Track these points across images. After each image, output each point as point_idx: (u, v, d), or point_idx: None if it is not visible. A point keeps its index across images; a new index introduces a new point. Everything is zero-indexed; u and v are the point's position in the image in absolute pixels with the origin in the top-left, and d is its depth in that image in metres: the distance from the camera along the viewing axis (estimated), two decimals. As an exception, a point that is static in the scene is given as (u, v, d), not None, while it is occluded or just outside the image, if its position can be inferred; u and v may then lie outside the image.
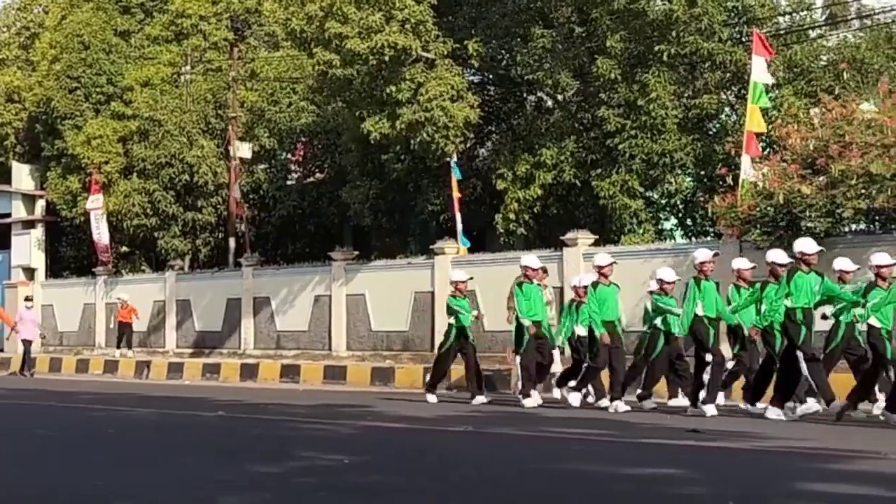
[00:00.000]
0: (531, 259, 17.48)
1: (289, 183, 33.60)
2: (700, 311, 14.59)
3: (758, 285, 14.66)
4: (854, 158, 18.22)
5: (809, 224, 18.47)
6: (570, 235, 23.28)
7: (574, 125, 25.98)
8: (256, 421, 14.01)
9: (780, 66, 23.66)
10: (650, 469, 8.59)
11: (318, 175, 33.39)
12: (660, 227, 25.95)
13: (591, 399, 16.49)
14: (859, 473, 8.21)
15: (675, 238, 26.16)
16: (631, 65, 24.45)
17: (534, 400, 16.25)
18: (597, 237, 23.53)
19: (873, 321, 13.59)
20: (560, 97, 26.85)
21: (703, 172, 25.07)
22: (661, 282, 15.66)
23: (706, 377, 14.53)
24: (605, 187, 24.26)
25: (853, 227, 19.53)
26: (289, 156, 34.16)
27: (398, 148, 26.78)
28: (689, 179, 25.45)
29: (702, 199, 23.75)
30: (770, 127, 21.74)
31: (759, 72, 21.03)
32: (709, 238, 23.84)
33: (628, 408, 15.15)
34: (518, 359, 16.65)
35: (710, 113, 24.70)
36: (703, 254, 15.23)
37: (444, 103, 24.50)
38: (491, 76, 28.83)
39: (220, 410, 15.15)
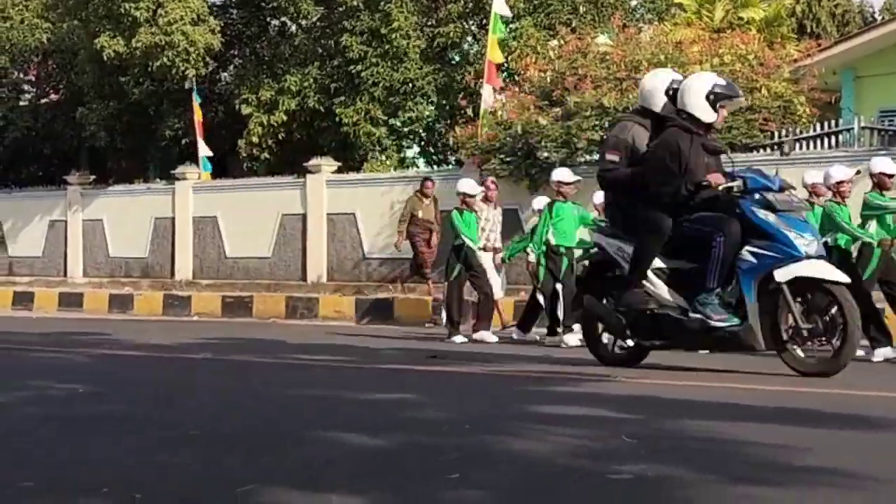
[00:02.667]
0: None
1: (22, 104, 32.25)
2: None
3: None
4: (588, 91, 18.77)
5: (546, 154, 18.96)
6: (313, 162, 23.24)
7: (318, 51, 25.85)
8: (-15, 350, 13.51)
9: (521, -2, 24.10)
10: (388, 394, 8.72)
11: (52, 96, 32.19)
12: (402, 154, 26.18)
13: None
14: (589, 395, 8.53)
15: (417, 165, 26.46)
16: (375, -8, 24.46)
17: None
18: (340, 164, 23.57)
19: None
20: (304, 23, 26.65)
21: (444, 102, 25.37)
22: None
23: None
24: (349, 114, 24.28)
25: (587, 157, 20.15)
26: (22, 75, 32.79)
27: (137, 70, 26.04)
28: (431, 108, 25.73)
29: (443, 127, 24.08)
30: (509, 58, 22.13)
31: (500, 4, 21.35)
32: (450, 166, 24.23)
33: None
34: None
35: (452, 42, 24.94)
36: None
37: (185, 27, 23.98)
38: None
39: (-54, 339, 14.57)
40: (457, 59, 25.78)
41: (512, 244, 15.92)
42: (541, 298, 14.75)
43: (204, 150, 25.61)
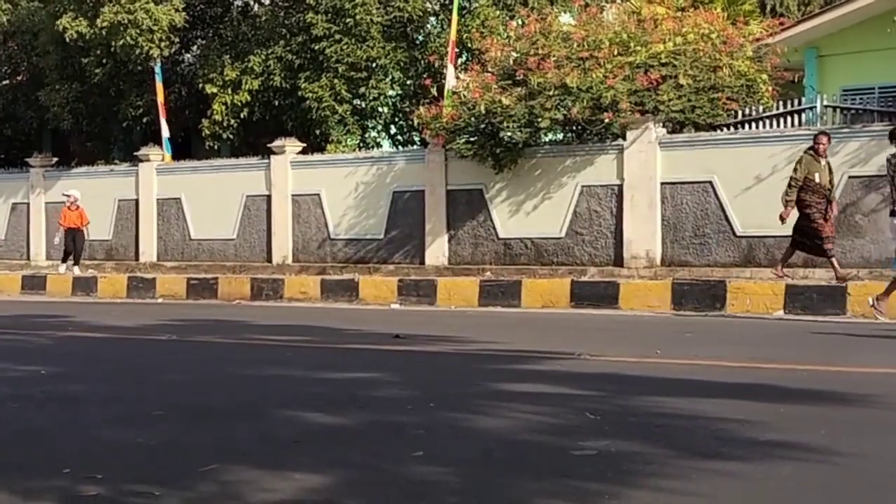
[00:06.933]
0: None
1: (-18, 86, 31.95)
2: None
3: None
4: (551, 70, 18.75)
5: (509, 134, 18.95)
6: (277, 143, 23.15)
7: (281, 30, 25.71)
8: (-53, 333, 13.41)
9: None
10: (353, 374, 8.71)
11: (14, 77, 31.89)
12: (366, 134, 26.10)
13: None
14: (554, 373, 8.56)
15: (381, 146, 26.38)
16: (339, -31, 24.33)
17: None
18: (304, 145, 23.49)
19: None
20: (267, 2, 26.53)
21: (409, 82, 25.30)
22: None
23: None
24: (313, 89, 24.14)
25: (550, 136, 20.17)
26: (-19, 57, 32.46)
27: (99, 51, 25.81)
28: (395, 87, 25.63)
29: (408, 107, 24.02)
30: (467, 38, 22.09)
31: (464, -17, 21.33)
32: (415, 147, 24.19)
33: None
34: None
35: (413, 20, 24.75)
36: None
37: (148, 5, 23.77)
38: (196, -22, 28.15)
39: None
40: (420, 38, 25.71)
41: None
42: None
43: (166, 132, 25.48)
